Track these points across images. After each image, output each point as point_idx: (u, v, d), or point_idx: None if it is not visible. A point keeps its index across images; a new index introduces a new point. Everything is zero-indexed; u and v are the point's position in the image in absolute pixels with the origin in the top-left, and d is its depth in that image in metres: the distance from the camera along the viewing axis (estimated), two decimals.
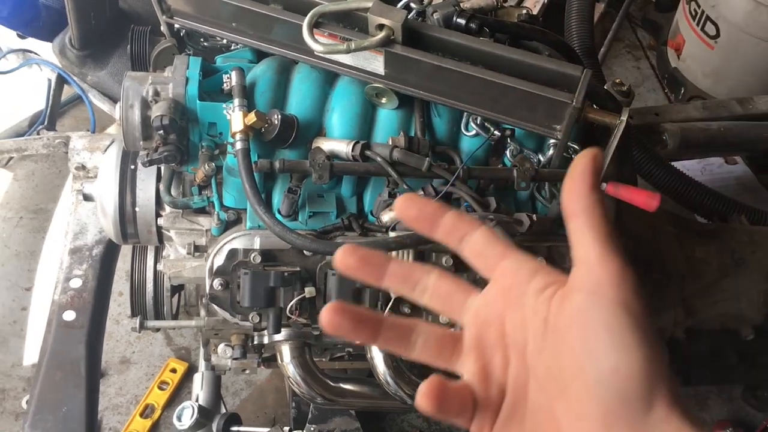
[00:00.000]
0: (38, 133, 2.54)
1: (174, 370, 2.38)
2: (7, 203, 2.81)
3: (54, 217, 2.76)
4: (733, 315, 1.87)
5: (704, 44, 3.10)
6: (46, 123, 2.54)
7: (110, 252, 1.93)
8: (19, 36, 2.49)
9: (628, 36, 3.70)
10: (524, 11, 1.58)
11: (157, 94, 1.35)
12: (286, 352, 1.40)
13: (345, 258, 0.61)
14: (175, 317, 1.85)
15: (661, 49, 3.48)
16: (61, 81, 2.48)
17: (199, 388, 1.84)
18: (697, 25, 3.09)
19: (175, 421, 1.74)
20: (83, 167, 1.97)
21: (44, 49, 2.50)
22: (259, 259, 1.29)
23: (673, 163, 2.29)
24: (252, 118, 1.27)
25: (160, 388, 2.34)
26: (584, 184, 0.56)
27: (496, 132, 1.37)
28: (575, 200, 0.56)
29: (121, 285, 2.31)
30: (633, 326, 0.52)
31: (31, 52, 2.57)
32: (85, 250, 1.93)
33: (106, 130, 2.60)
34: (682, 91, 3.29)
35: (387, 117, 1.38)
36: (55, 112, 2.58)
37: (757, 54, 2.96)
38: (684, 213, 2.32)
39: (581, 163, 0.57)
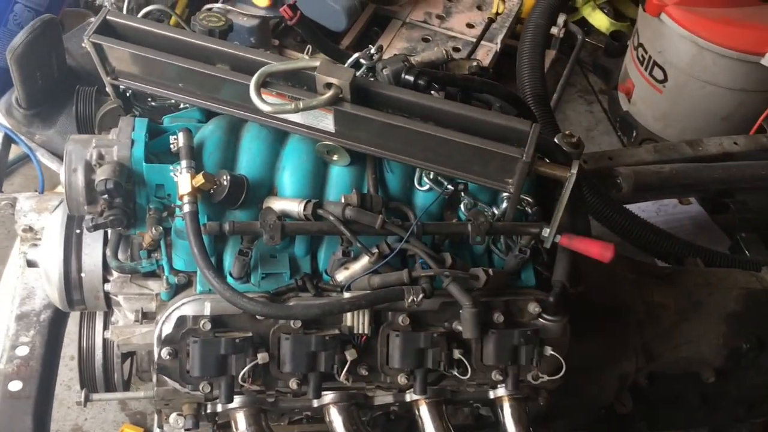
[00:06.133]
0: None
1: None
2: None
3: (2, 280, 2.66)
4: (693, 358, 1.87)
5: (653, 88, 3.18)
6: None
7: (59, 317, 1.86)
8: None
9: (579, 81, 3.79)
10: (475, 63, 1.59)
11: (101, 157, 1.31)
12: (240, 420, 1.34)
13: None
14: (127, 384, 1.78)
15: (613, 93, 3.56)
16: (8, 140, 2.41)
17: None
18: (646, 69, 3.18)
19: None
20: (31, 229, 1.91)
21: None
22: (209, 326, 1.24)
23: (628, 205, 2.31)
24: (200, 179, 1.25)
25: None
26: None
27: (449, 186, 1.36)
28: None
29: (72, 348, 2.20)
30: None
31: None
32: (32, 316, 1.86)
33: (56, 188, 2.53)
34: (634, 134, 3.36)
35: (339, 174, 1.36)
36: (2, 173, 2.50)
37: (704, 97, 3.04)
38: (641, 255, 2.34)
39: None
